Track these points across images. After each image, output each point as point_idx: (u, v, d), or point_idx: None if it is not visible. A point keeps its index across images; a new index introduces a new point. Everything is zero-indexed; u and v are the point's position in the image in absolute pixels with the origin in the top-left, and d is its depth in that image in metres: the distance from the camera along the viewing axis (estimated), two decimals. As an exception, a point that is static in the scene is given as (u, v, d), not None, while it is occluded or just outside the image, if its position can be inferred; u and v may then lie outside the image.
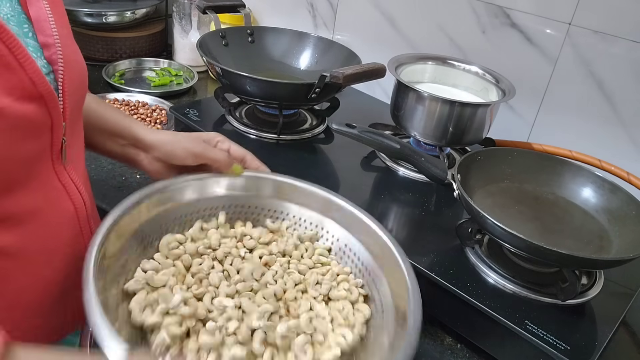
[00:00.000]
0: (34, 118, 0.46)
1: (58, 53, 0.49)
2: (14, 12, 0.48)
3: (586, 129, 0.99)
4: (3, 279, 0.50)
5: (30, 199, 0.50)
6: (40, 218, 0.51)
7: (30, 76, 0.45)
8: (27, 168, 0.49)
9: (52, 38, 0.49)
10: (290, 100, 0.98)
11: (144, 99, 1.21)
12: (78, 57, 0.54)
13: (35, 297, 0.54)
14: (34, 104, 0.46)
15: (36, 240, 0.51)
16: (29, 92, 0.45)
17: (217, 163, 0.62)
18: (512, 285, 0.70)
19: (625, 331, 0.73)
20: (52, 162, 0.52)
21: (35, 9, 0.49)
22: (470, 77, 1.02)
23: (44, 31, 0.49)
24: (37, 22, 0.49)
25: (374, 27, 1.24)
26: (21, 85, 0.44)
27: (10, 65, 0.43)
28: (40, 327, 0.55)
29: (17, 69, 0.44)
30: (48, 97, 0.47)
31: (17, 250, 0.50)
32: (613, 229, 0.76)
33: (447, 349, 0.71)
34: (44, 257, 0.53)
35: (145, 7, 1.41)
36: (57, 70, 0.49)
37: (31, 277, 0.52)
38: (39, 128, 0.48)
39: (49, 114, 0.48)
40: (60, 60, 0.49)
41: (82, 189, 0.56)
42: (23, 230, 0.50)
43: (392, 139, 0.85)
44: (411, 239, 0.79)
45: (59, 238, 0.54)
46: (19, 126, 0.45)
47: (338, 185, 0.88)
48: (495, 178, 0.83)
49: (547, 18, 0.98)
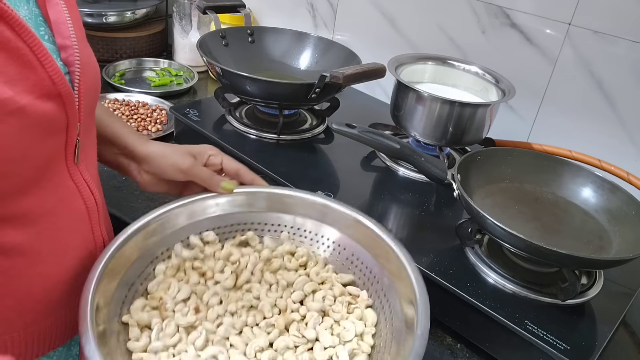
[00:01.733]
0: (52, 117, 0.47)
1: (75, 55, 0.50)
2: (31, 15, 0.48)
3: (586, 129, 0.99)
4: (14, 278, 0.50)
5: (43, 199, 0.50)
6: (53, 217, 0.51)
7: (50, 74, 0.45)
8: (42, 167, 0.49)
9: (70, 40, 0.50)
10: (290, 100, 0.98)
11: (144, 99, 1.21)
12: (92, 59, 0.55)
13: (46, 297, 0.54)
14: (53, 103, 0.46)
15: (48, 240, 0.52)
16: (48, 91, 0.46)
17: (204, 182, 0.62)
18: (512, 285, 0.71)
19: (625, 331, 0.74)
20: (65, 161, 0.52)
21: (54, 11, 0.50)
22: (470, 77, 1.02)
23: (62, 33, 0.50)
24: (56, 25, 0.50)
25: (374, 27, 1.24)
26: (41, 83, 0.45)
27: (31, 64, 0.44)
28: (50, 326, 0.55)
29: (37, 68, 0.44)
30: (66, 96, 0.47)
31: (28, 249, 0.50)
32: (613, 229, 0.76)
33: (447, 349, 0.71)
34: (54, 256, 0.53)
35: (145, 7, 1.41)
36: (73, 72, 0.50)
37: (42, 276, 0.52)
38: (56, 127, 0.48)
39: (65, 113, 0.48)
40: (77, 62, 0.50)
41: (94, 188, 0.56)
42: (35, 229, 0.50)
43: (392, 139, 0.85)
44: (411, 239, 0.79)
45: (70, 237, 0.54)
46: (38, 125, 0.45)
47: (338, 186, 0.88)
48: (495, 178, 0.83)
49: (547, 18, 0.99)
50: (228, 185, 0.62)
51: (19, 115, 0.43)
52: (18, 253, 0.50)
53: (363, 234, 0.60)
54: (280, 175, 0.87)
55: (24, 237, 0.49)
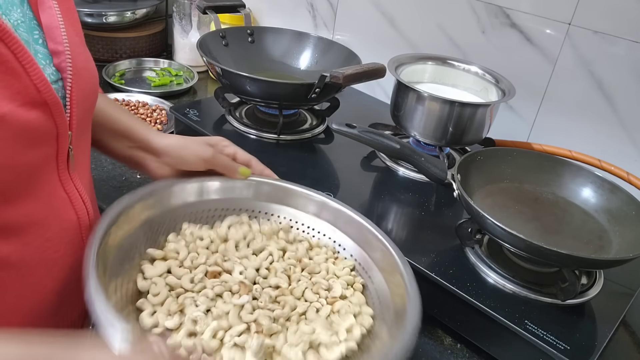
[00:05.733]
0: (37, 125, 0.46)
1: (67, 61, 0.49)
2: (24, 18, 0.47)
3: (586, 129, 0.99)
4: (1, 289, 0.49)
5: (33, 209, 0.49)
6: (42, 228, 0.50)
7: (35, 82, 0.44)
8: (31, 177, 0.48)
9: (62, 45, 0.49)
10: (290, 100, 0.98)
11: (144, 99, 1.21)
12: (89, 64, 0.53)
13: (34, 307, 0.53)
14: (38, 111, 0.45)
15: (37, 250, 0.50)
16: (33, 99, 0.45)
17: (224, 169, 0.64)
18: (512, 285, 0.71)
19: (625, 331, 0.74)
20: (57, 171, 0.51)
21: (46, 15, 0.48)
22: (470, 77, 1.02)
23: (54, 38, 0.48)
24: (48, 29, 0.48)
25: (374, 27, 1.24)
26: (25, 91, 0.44)
27: (14, 71, 0.43)
28: None
29: (21, 75, 0.43)
30: (53, 104, 0.46)
31: (17, 260, 0.49)
32: (613, 229, 0.76)
33: (447, 349, 0.71)
34: (44, 267, 0.52)
35: (145, 7, 1.41)
36: (65, 78, 0.49)
37: (30, 287, 0.51)
38: (43, 136, 0.47)
39: (53, 121, 0.47)
40: (69, 68, 0.49)
41: (86, 198, 0.55)
42: (24, 239, 0.49)
43: (392, 139, 0.85)
44: (411, 239, 0.79)
45: (59, 248, 0.53)
46: (22, 134, 0.44)
47: (338, 186, 0.88)
48: (495, 178, 0.83)
49: (547, 18, 0.98)
50: (245, 171, 0.66)
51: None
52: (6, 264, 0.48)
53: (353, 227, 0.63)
54: (280, 175, 0.86)
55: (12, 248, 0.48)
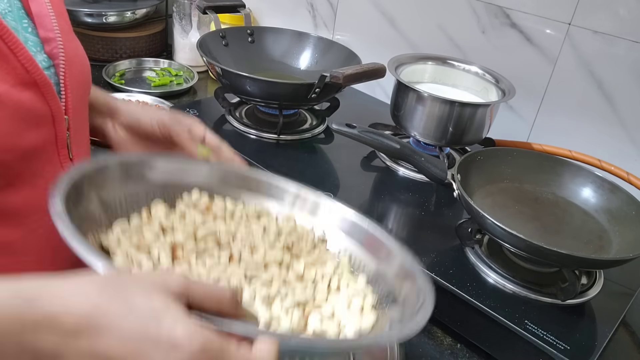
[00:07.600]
0: (31, 107, 0.47)
1: (59, 47, 0.50)
2: (12, 8, 0.48)
3: (586, 129, 0.99)
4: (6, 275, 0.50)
5: (36, 194, 0.50)
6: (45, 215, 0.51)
7: (23, 63, 0.45)
8: (32, 161, 0.49)
9: (53, 32, 0.50)
10: (290, 100, 0.98)
11: (144, 99, 1.21)
12: (80, 52, 0.54)
13: None
14: (30, 92, 0.47)
15: (40, 238, 0.51)
16: (23, 79, 0.46)
17: (182, 142, 0.61)
18: (512, 285, 0.71)
19: (625, 331, 0.73)
20: (58, 157, 0.52)
21: (36, 4, 0.50)
22: (470, 77, 1.02)
23: (45, 26, 0.50)
24: (38, 17, 0.50)
25: (374, 27, 1.24)
26: (14, 72, 0.45)
27: (2, 52, 0.44)
28: None
29: (9, 56, 0.45)
30: (43, 85, 0.47)
31: (21, 247, 0.50)
32: (613, 229, 0.76)
33: (447, 349, 0.71)
34: (48, 254, 0.52)
35: (145, 7, 1.41)
36: (58, 64, 0.50)
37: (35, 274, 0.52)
38: (39, 119, 0.48)
39: (47, 103, 0.48)
40: (61, 55, 0.50)
41: None
42: (28, 226, 0.50)
43: (392, 139, 0.85)
44: (411, 239, 0.79)
45: None
46: (17, 114, 0.45)
47: (338, 186, 0.88)
48: (495, 178, 0.83)
49: (547, 18, 0.98)
50: (204, 150, 0.61)
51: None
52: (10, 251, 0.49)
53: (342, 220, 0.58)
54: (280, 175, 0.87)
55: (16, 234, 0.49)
